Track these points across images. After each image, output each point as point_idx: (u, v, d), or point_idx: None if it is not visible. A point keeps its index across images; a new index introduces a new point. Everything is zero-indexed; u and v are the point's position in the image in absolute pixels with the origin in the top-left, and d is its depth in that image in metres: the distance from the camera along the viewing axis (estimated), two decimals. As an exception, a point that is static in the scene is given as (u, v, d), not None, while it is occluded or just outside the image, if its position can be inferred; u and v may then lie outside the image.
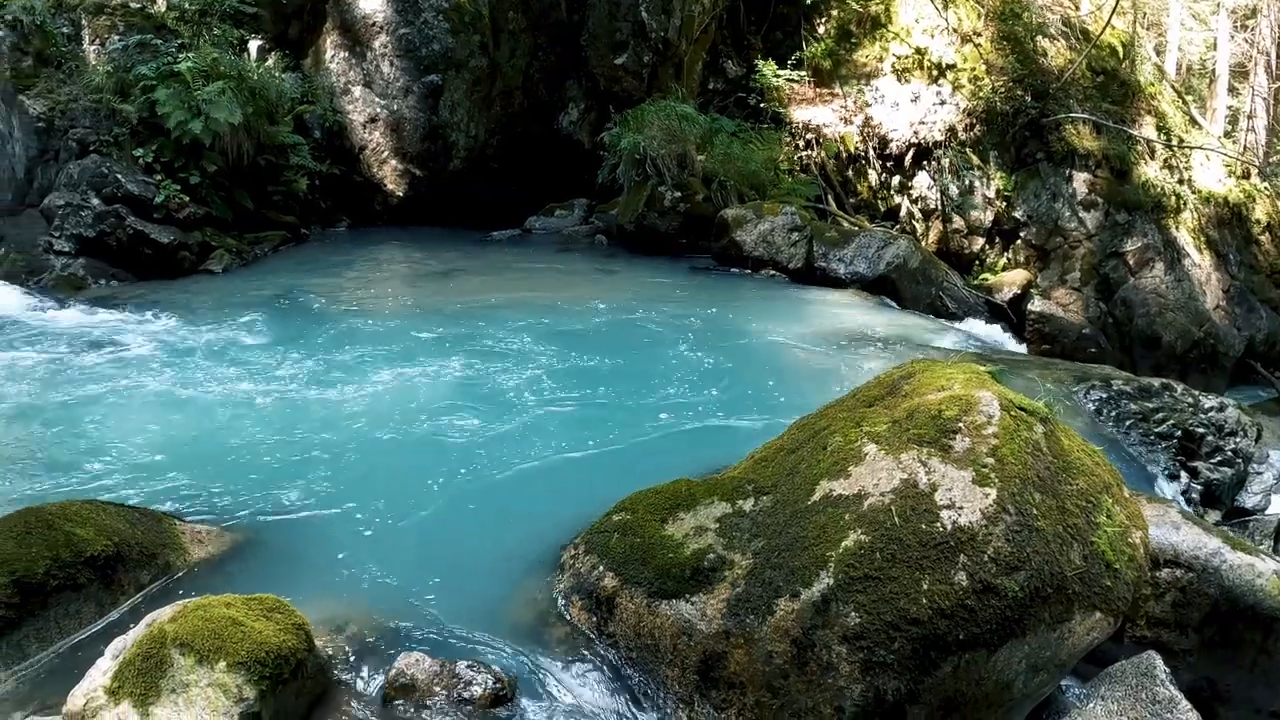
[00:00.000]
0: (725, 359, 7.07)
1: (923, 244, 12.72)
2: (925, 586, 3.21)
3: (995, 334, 10.72)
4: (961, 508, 3.33)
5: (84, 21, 11.40)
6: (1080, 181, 13.99)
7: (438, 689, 3.36)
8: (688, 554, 3.61)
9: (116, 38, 11.27)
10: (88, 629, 3.80)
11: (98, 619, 3.85)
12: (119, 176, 10.30)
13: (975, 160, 14.01)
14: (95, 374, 6.89)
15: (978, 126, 14.14)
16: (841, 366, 7.03)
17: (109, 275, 9.88)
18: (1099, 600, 3.45)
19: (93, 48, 11.25)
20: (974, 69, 14.32)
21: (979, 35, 14.56)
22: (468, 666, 3.43)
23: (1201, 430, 6.17)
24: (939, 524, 3.30)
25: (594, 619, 3.73)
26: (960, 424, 3.58)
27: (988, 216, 13.94)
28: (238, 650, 3.13)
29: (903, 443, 3.59)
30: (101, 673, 3.14)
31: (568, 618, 3.82)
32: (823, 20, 15.00)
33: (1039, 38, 14.83)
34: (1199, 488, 6.04)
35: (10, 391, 6.56)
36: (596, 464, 5.39)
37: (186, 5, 11.85)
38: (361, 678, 3.50)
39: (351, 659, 3.58)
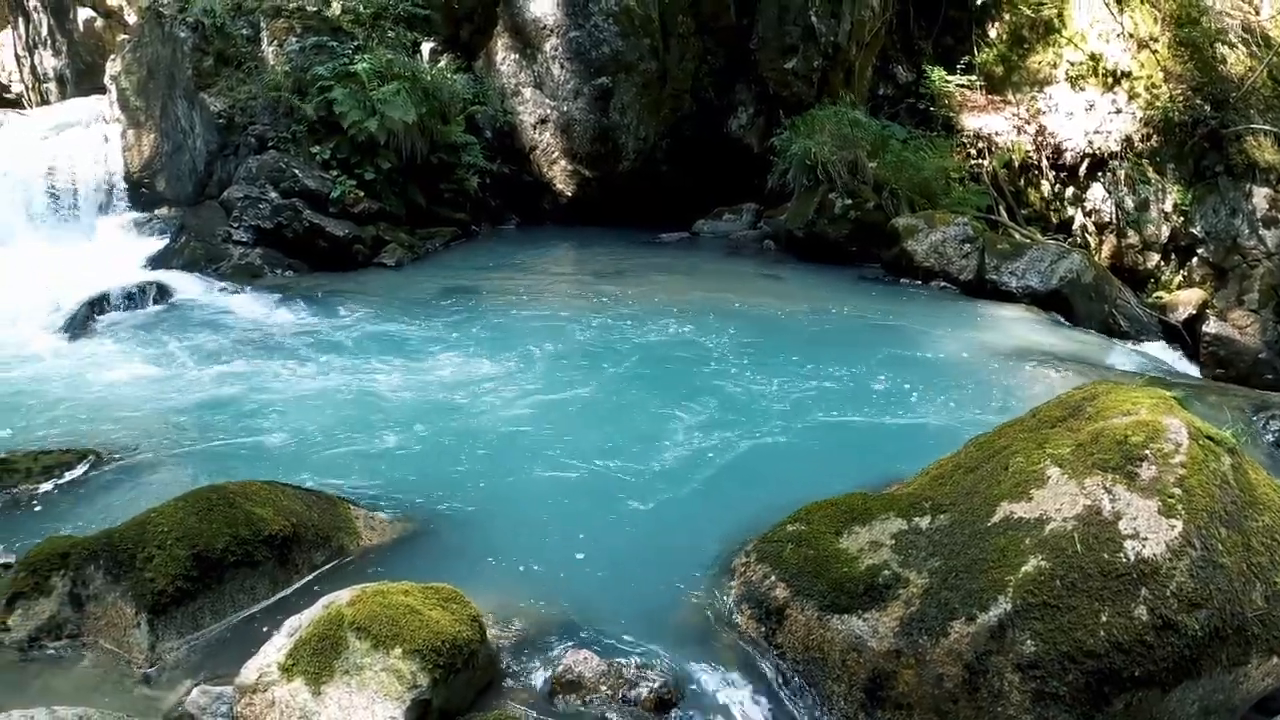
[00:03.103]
0: (895, 371, 6.97)
1: (1096, 259, 12.32)
2: (1104, 619, 3.12)
3: (1169, 355, 10.28)
4: (1146, 539, 3.22)
5: (262, 24, 11.83)
6: (1261, 197, 13.34)
7: (604, 688, 3.39)
8: (862, 569, 3.57)
9: (294, 39, 11.66)
10: (260, 604, 3.96)
11: (270, 596, 4.00)
12: (296, 171, 10.67)
13: (1151, 172, 13.51)
14: (271, 359, 7.17)
15: (1154, 137, 13.58)
16: (1014, 384, 6.85)
17: (284, 266, 10.23)
18: (1277, 645, 3.31)
19: (271, 48, 11.67)
20: (1150, 76, 13.79)
21: (1155, 41, 14.00)
22: (635, 668, 3.46)
23: (1387, 470, 5.84)
24: (1122, 554, 3.20)
25: (762, 629, 3.71)
26: (1147, 451, 3.46)
27: (1164, 232, 13.42)
28: (414, 638, 3.20)
29: (1086, 467, 3.49)
30: (276, 649, 3.24)
31: (736, 625, 3.82)
32: (994, 25, 14.66)
33: (1218, 44, 14.21)
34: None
35: (190, 374, 6.87)
36: (766, 470, 5.39)
37: (361, 9, 12.20)
38: (528, 671, 3.56)
39: (519, 652, 3.65)
